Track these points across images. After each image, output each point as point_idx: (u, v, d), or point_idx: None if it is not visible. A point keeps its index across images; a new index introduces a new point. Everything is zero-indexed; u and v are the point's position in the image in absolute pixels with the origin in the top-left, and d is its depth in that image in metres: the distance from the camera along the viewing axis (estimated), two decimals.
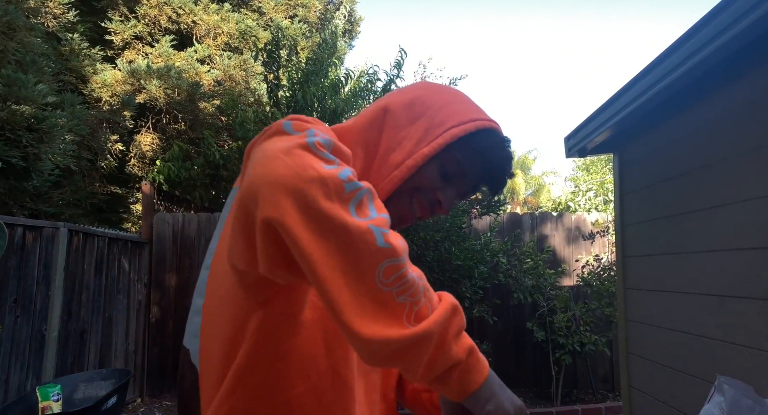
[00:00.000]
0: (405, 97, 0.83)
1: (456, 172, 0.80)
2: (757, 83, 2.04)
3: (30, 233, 3.47)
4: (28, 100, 3.97)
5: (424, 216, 0.82)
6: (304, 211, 0.50)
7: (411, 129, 0.78)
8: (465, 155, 0.79)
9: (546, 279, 4.82)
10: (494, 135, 0.81)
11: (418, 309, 0.52)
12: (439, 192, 0.79)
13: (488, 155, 0.81)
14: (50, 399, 2.71)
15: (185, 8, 7.31)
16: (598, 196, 10.31)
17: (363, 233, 0.50)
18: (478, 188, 0.87)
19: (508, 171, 0.84)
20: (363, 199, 0.53)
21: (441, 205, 0.80)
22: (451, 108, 0.81)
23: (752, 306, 2.01)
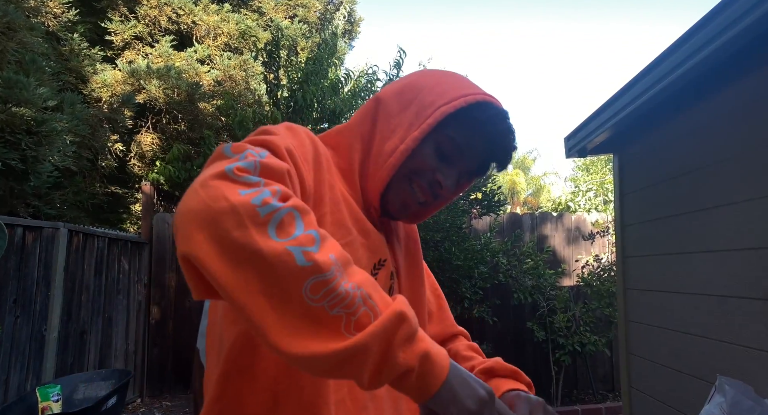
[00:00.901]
0: (396, 86, 0.83)
1: (452, 150, 0.79)
2: (756, 83, 2.04)
3: (30, 233, 3.47)
4: (28, 103, 3.97)
5: (428, 199, 0.80)
6: (216, 243, 0.50)
7: (403, 115, 0.78)
8: (459, 132, 0.78)
9: (546, 279, 4.82)
10: (489, 108, 0.79)
11: (357, 319, 0.51)
12: (438, 173, 0.78)
13: (485, 129, 0.79)
14: (50, 399, 2.70)
15: (185, 8, 7.31)
16: (598, 197, 10.32)
17: (279, 256, 0.50)
18: (485, 165, 0.85)
19: (509, 143, 0.82)
20: (284, 219, 0.52)
21: (441, 186, 0.78)
22: (441, 88, 0.79)
23: (752, 306, 2.01)
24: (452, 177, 0.80)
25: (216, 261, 0.50)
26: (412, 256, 0.95)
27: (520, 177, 14.37)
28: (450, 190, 0.81)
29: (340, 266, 0.53)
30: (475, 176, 0.87)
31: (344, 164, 0.81)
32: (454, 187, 0.82)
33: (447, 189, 0.80)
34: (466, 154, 0.80)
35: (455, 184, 0.83)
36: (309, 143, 0.73)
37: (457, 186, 0.85)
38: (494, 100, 0.81)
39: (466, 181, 0.87)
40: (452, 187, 0.81)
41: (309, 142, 0.74)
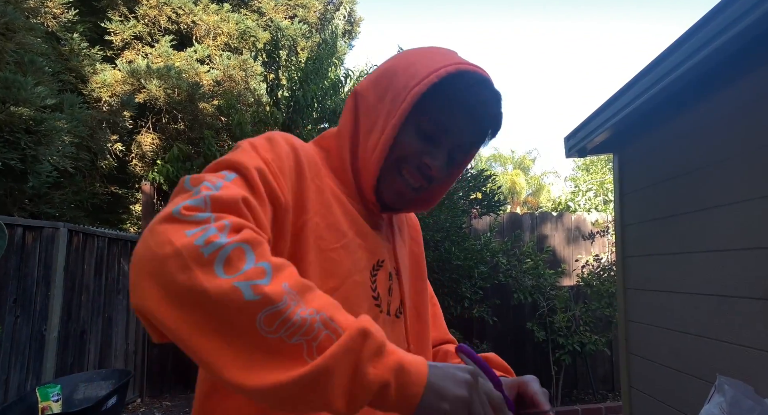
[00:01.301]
0: (372, 76, 0.82)
1: (435, 129, 0.76)
2: (756, 83, 2.04)
3: (30, 233, 3.46)
4: (27, 102, 3.96)
5: (421, 183, 0.79)
6: (163, 289, 0.50)
7: (381, 106, 0.77)
8: (437, 109, 0.75)
9: (546, 279, 4.82)
10: (464, 77, 0.75)
11: (318, 344, 0.50)
12: (424, 156, 0.76)
13: (464, 100, 0.75)
14: (50, 399, 2.70)
15: (185, 8, 7.31)
16: (598, 196, 10.32)
17: (226, 294, 0.49)
18: (479, 135, 0.81)
19: (493, 109, 0.78)
20: (231, 255, 0.51)
21: (431, 168, 0.76)
22: (413, 68, 0.76)
23: (752, 306, 2.01)
24: (441, 156, 0.78)
25: (164, 308, 0.50)
26: (415, 256, 0.95)
27: (520, 177, 14.37)
28: (443, 170, 0.79)
29: (295, 294, 0.52)
30: (473, 148, 0.84)
31: (337, 165, 0.81)
32: (445, 166, 0.79)
33: (438, 169, 0.77)
34: (450, 130, 0.77)
35: (446, 163, 0.79)
36: (289, 154, 0.71)
37: (453, 163, 0.82)
38: (470, 67, 0.77)
39: (463, 155, 0.83)
40: (443, 167, 0.78)
41: (289, 151, 0.72)
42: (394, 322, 0.82)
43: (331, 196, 0.76)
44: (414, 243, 0.97)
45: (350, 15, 10.11)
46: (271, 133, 0.75)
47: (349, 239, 0.75)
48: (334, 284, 0.71)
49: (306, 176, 0.71)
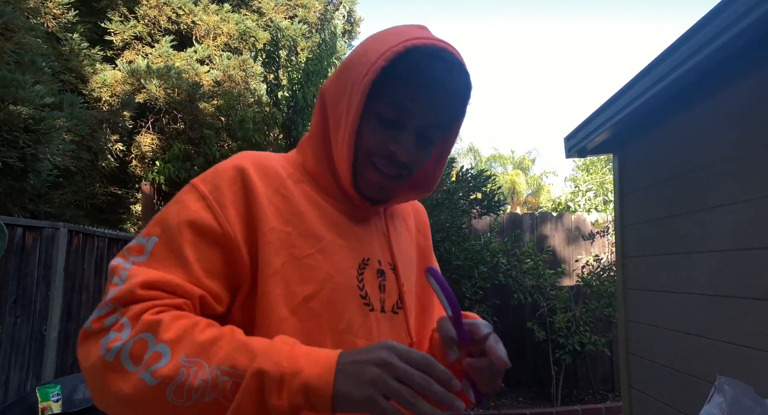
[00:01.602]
0: (335, 73, 0.81)
1: (396, 114, 0.73)
2: (756, 83, 2.04)
3: (30, 233, 3.46)
4: (25, 101, 3.96)
5: (399, 172, 0.77)
6: (100, 397, 0.61)
7: (342, 101, 0.76)
8: (393, 93, 0.72)
9: (546, 279, 4.82)
10: (412, 55, 0.71)
11: (229, 393, 0.58)
12: (390, 143, 0.74)
13: (416, 77, 0.71)
14: (50, 399, 2.70)
15: (185, 8, 7.31)
16: (598, 197, 10.32)
17: (135, 387, 0.57)
18: (447, 113, 0.76)
19: (452, 82, 0.73)
20: (132, 351, 0.59)
21: (398, 155, 0.74)
22: (366, 56, 0.74)
23: (752, 306, 2.01)
24: (408, 140, 0.74)
25: (111, 410, 0.61)
26: (421, 248, 0.95)
27: (520, 177, 14.37)
28: (413, 154, 0.75)
29: (193, 359, 0.59)
30: (451, 124, 0.79)
31: (314, 168, 0.81)
32: (415, 148, 0.75)
33: (407, 154, 0.74)
34: (412, 111, 0.73)
35: (416, 144, 0.75)
36: (233, 180, 0.73)
37: (429, 142, 0.77)
38: (420, 42, 0.72)
39: (439, 132, 0.78)
40: (413, 150, 0.74)
41: (234, 177, 0.73)
42: (392, 318, 0.80)
43: (305, 202, 0.77)
44: (421, 235, 0.96)
45: (350, 15, 10.12)
46: (216, 167, 0.76)
47: (327, 242, 0.75)
48: (312, 289, 0.72)
49: (258, 194, 0.72)
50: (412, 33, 0.74)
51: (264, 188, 0.73)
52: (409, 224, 0.94)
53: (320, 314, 0.72)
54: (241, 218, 0.71)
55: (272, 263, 0.70)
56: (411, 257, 0.90)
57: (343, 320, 0.74)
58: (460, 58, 0.75)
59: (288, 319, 0.71)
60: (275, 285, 0.70)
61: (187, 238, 0.67)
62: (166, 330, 0.60)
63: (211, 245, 0.68)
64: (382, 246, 0.83)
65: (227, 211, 0.70)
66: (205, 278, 0.67)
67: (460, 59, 0.75)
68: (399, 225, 0.90)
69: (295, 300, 0.71)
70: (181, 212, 0.70)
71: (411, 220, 0.95)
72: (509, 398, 4.85)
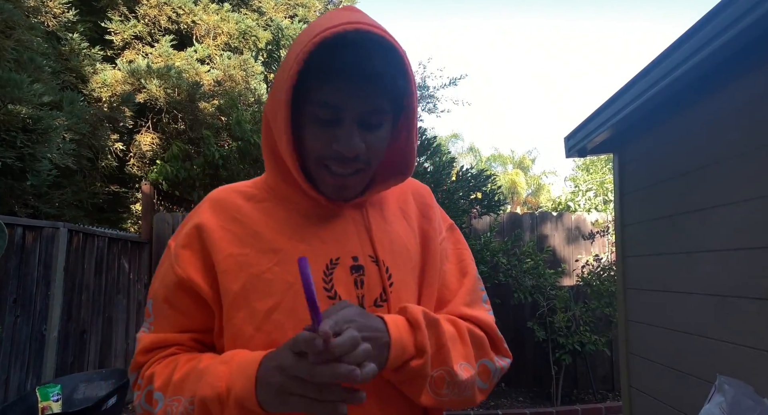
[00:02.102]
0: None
1: (328, 113, 0.71)
2: (756, 83, 2.03)
3: (30, 233, 3.46)
4: (23, 100, 3.96)
5: (356, 168, 0.74)
6: None
7: (277, 114, 0.75)
8: (316, 92, 0.70)
9: (546, 279, 4.82)
10: (326, 47, 0.68)
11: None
12: (334, 144, 0.72)
13: (332, 71, 0.68)
14: (50, 399, 2.70)
15: (185, 8, 7.31)
16: (598, 196, 10.32)
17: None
18: (380, 100, 0.72)
19: (372, 63, 0.68)
20: (146, 399, 0.76)
21: (344, 152, 0.72)
22: (287, 62, 0.72)
23: (752, 306, 2.01)
24: (350, 135, 0.71)
25: None
26: (425, 233, 0.88)
27: (520, 177, 14.37)
28: (359, 146, 0.71)
29: (173, 399, 0.70)
30: (395, 102, 0.74)
31: (274, 182, 0.83)
32: (361, 141, 0.72)
33: (353, 149, 0.71)
34: (341, 105, 0.70)
35: (361, 137, 0.72)
36: (191, 231, 0.81)
37: (376, 129, 0.73)
38: (329, 31, 0.68)
39: (386, 115, 0.74)
40: (359, 143, 0.71)
41: (191, 228, 0.81)
42: (374, 312, 0.75)
43: (264, 220, 0.80)
44: (424, 219, 0.90)
45: None
46: (189, 215, 0.85)
47: (285, 252, 0.76)
48: (273, 302, 0.74)
49: (210, 232, 0.79)
50: (324, 24, 0.70)
51: (219, 223, 0.80)
52: (407, 209, 0.89)
53: (283, 324, 0.73)
54: (197, 259, 0.79)
55: (231, 289, 0.75)
56: (406, 244, 0.84)
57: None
58: (377, 33, 0.69)
59: (254, 336, 0.73)
60: (238, 309, 0.75)
61: (163, 296, 0.81)
62: (158, 379, 0.75)
63: (180, 293, 0.79)
64: (362, 240, 0.81)
65: (184, 259, 0.79)
66: (187, 323, 0.80)
67: (377, 35, 0.69)
68: (389, 213, 0.87)
69: (258, 317, 0.74)
70: (158, 275, 0.83)
71: (409, 204, 0.90)
72: (509, 398, 4.86)
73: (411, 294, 0.81)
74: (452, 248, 0.93)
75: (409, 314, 0.74)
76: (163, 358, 0.79)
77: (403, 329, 0.71)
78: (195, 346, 0.81)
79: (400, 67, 0.71)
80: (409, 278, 0.82)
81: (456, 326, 0.80)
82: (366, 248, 0.80)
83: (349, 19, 0.69)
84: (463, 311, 0.85)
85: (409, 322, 0.73)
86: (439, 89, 10.67)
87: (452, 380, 0.74)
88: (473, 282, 0.90)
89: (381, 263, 0.79)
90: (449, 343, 0.75)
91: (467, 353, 0.78)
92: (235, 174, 5.52)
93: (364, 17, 0.72)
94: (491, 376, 0.81)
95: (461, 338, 0.79)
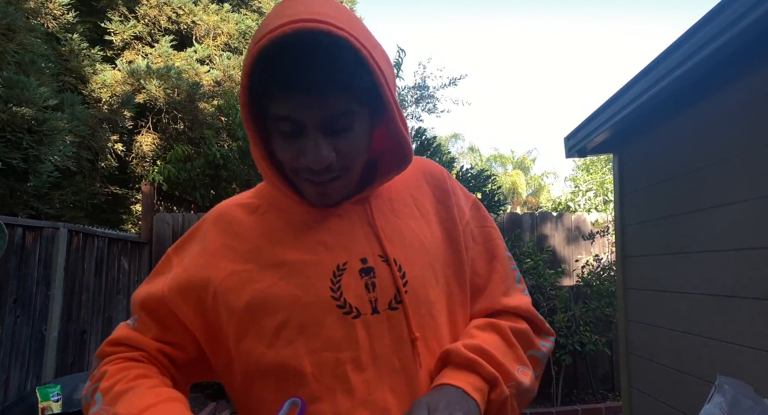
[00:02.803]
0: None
1: (288, 125, 0.67)
2: (756, 83, 2.04)
3: (30, 233, 3.46)
4: (29, 102, 3.97)
5: (333, 175, 0.71)
6: None
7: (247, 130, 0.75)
8: (273, 107, 0.66)
9: (546, 279, 4.82)
10: (266, 59, 0.63)
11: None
12: (300, 157, 0.68)
13: (278, 84, 0.63)
14: (50, 399, 2.70)
15: (185, 8, 7.31)
16: (598, 196, 10.32)
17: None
18: (337, 102, 0.65)
19: (311, 72, 0.61)
20: (90, 394, 0.74)
21: (313, 165, 0.68)
22: (243, 79, 0.70)
23: (752, 306, 2.01)
24: (314, 146, 0.67)
25: None
26: (444, 222, 0.82)
27: (520, 177, 14.38)
28: (325, 155, 0.67)
29: (105, 409, 0.69)
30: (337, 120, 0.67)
31: (268, 191, 0.82)
32: (327, 149, 0.67)
33: (320, 159, 0.67)
34: (296, 116, 0.65)
35: (327, 145, 0.67)
36: (191, 247, 0.82)
37: (341, 131, 0.68)
38: (266, 40, 0.62)
39: (350, 117, 0.67)
40: (325, 153, 0.67)
41: (191, 236, 0.83)
42: (389, 316, 0.72)
43: (266, 233, 0.77)
44: (441, 206, 0.83)
45: None
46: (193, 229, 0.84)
47: (289, 266, 0.74)
48: (281, 318, 0.71)
49: (210, 248, 0.78)
50: (267, 26, 0.64)
51: (222, 239, 0.79)
52: (420, 196, 0.83)
53: (294, 340, 0.71)
54: (199, 273, 0.77)
55: (236, 307, 0.73)
56: (419, 237, 0.78)
57: (320, 338, 0.70)
58: (322, 30, 0.61)
59: (266, 353, 0.72)
60: (246, 330, 0.73)
61: (140, 303, 0.81)
62: (106, 380, 0.73)
63: (162, 308, 0.79)
64: (369, 239, 0.76)
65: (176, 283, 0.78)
66: (161, 334, 0.79)
67: (322, 33, 0.61)
68: (399, 204, 0.81)
69: (268, 334, 0.72)
70: (144, 293, 0.81)
71: (423, 190, 0.83)
72: None
73: (430, 290, 0.76)
74: (478, 227, 0.86)
75: (457, 358, 0.71)
76: (124, 360, 0.77)
77: (463, 375, 0.69)
78: (158, 358, 0.78)
79: (357, 61, 0.64)
80: (427, 273, 0.76)
81: (499, 332, 0.77)
82: (375, 248, 0.75)
83: (292, 17, 0.62)
84: (503, 303, 0.81)
85: (463, 365, 0.71)
86: (439, 89, 10.66)
87: (518, 391, 0.73)
88: (504, 265, 0.85)
89: (392, 262, 0.74)
90: (502, 358, 0.73)
91: (518, 355, 0.76)
92: (235, 174, 5.52)
93: (311, 7, 0.64)
94: (541, 362, 0.80)
95: (508, 342, 0.76)
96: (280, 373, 0.71)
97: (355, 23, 0.67)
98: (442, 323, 0.77)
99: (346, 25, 0.64)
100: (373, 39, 0.70)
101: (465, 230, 0.83)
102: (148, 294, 0.80)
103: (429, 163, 0.88)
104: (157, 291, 0.79)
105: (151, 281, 0.82)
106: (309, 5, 0.65)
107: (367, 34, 0.68)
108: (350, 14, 0.69)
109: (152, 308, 0.79)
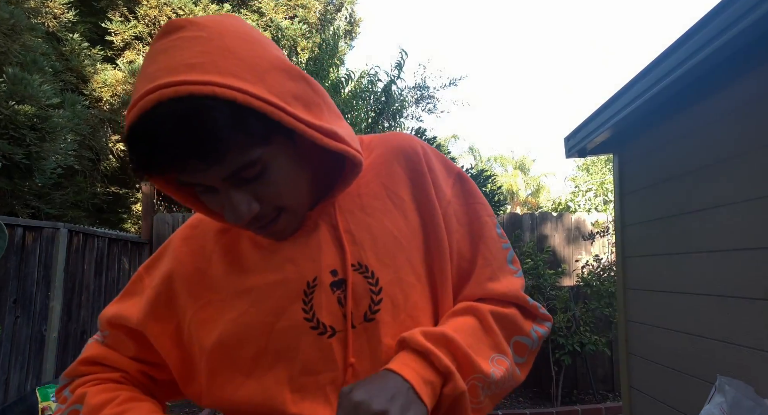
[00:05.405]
0: None
1: (201, 187, 0.62)
2: (756, 84, 2.04)
3: (30, 233, 3.47)
4: (32, 99, 3.99)
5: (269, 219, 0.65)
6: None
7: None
8: (173, 173, 0.59)
9: (546, 279, 4.82)
10: (138, 132, 0.55)
11: None
12: (225, 215, 0.63)
13: (156, 163, 0.56)
14: (50, 399, 2.70)
15: (185, 8, 7.31)
16: (598, 197, 10.32)
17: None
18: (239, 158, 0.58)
19: (178, 148, 0.54)
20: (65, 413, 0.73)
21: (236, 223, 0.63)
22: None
23: (752, 306, 2.01)
24: (232, 204, 0.61)
25: None
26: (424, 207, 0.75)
27: (520, 177, 14.38)
28: (247, 211, 0.61)
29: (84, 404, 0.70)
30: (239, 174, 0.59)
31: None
32: (246, 202, 0.61)
33: (243, 215, 0.61)
34: (200, 181, 0.59)
35: (244, 198, 0.61)
36: (160, 258, 0.79)
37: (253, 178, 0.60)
38: (133, 114, 0.55)
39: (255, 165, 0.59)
40: (245, 207, 0.61)
41: (161, 254, 0.80)
42: (366, 328, 0.69)
43: (228, 258, 0.74)
44: (418, 191, 0.75)
45: (351, 16, 10.12)
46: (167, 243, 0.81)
47: (257, 290, 0.70)
48: (257, 347, 0.69)
49: (183, 274, 0.75)
50: (134, 93, 0.57)
51: (194, 262, 0.75)
52: (391, 184, 0.75)
53: (273, 367, 0.68)
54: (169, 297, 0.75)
55: (206, 344, 0.70)
56: (392, 233, 0.72)
57: (297, 363, 0.68)
58: (175, 97, 0.53)
59: (245, 383, 0.69)
60: (220, 357, 0.70)
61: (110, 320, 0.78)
62: (90, 401, 0.70)
63: (127, 328, 0.76)
64: (339, 247, 0.71)
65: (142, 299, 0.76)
66: (139, 353, 0.76)
67: (176, 101, 0.53)
68: (369, 198, 0.74)
69: (245, 364, 0.69)
70: (110, 313, 0.78)
71: (395, 176, 0.76)
72: (509, 399, 4.85)
73: (410, 290, 0.71)
74: (462, 206, 0.79)
75: (412, 344, 0.64)
76: (103, 381, 0.73)
77: (414, 363, 0.63)
78: (138, 378, 0.76)
79: (235, 112, 0.54)
80: (403, 272, 0.71)
81: (477, 315, 0.71)
82: (345, 256, 0.70)
83: (153, 79, 0.54)
84: (488, 290, 0.74)
85: (416, 352, 0.64)
86: (439, 90, 10.66)
87: (486, 384, 0.66)
88: (490, 245, 0.77)
89: (364, 269, 0.69)
90: (468, 349, 0.66)
91: (496, 342, 0.70)
92: None
93: (173, 58, 0.56)
94: (529, 349, 0.75)
95: (485, 327, 0.70)
96: (258, 406, 0.68)
97: (226, 56, 0.56)
98: (426, 322, 0.72)
99: (213, 71, 0.54)
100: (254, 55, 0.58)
101: (447, 212, 0.76)
102: (119, 316, 0.76)
103: (403, 142, 0.78)
104: (131, 315, 0.75)
105: (123, 302, 0.78)
106: (172, 54, 0.56)
107: (244, 60, 0.57)
108: (221, 42, 0.57)
109: (126, 328, 0.76)
